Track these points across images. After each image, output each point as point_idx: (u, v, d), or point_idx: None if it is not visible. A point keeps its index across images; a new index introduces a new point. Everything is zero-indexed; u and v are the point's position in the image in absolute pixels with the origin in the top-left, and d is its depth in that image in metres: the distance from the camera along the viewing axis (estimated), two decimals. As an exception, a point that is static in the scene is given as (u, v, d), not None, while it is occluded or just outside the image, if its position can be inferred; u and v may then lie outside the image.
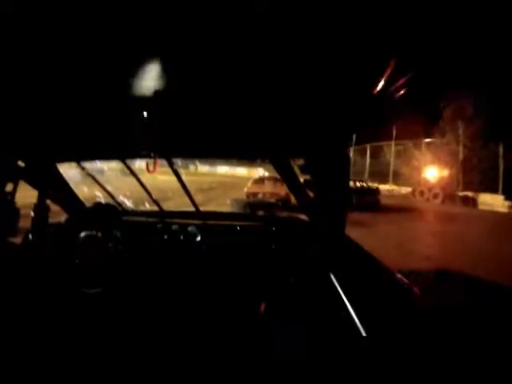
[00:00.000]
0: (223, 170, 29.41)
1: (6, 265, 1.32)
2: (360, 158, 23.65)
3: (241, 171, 27.16)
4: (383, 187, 19.55)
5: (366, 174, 22.18)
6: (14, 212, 1.42)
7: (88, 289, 1.46)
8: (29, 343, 1.13)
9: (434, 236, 7.76)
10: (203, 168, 29.56)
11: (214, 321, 1.39)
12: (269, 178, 10.69)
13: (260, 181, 10.78)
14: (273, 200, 9.08)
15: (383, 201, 12.20)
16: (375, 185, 18.75)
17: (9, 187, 1.42)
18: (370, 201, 10.75)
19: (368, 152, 23.52)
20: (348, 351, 1.00)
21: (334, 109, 1.12)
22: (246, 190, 10.23)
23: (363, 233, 5.22)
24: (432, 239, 7.37)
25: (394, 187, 20.32)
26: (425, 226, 9.53)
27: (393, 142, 21.83)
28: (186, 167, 25.90)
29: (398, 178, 20.91)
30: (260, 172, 15.19)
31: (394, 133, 21.28)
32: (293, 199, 1.75)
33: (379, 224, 8.45)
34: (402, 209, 12.23)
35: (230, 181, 19.65)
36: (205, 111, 1.13)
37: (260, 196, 9.67)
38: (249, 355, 1.22)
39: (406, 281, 1.24)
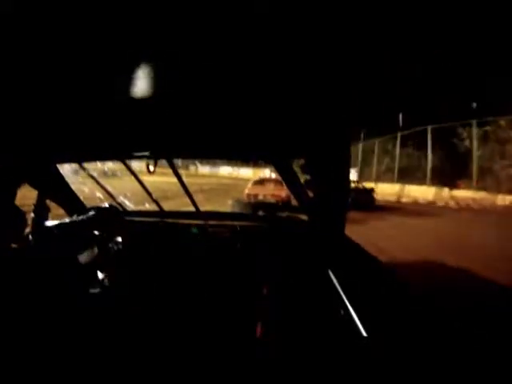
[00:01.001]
0: (226, 171, 28.47)
1: (6, 265, 1.33)
2: (414, 149, 15.25)
3: (245, 172, 25.76)
4: (462, 194, 12.53)
5: (428, 173, 14.41)
6: (19, 216, 1.42)
7: (88, 289, 1.47)
8: (29, 344, 1.14)
9: None
10: (204, 169, 29.00)
11: (214, 320, 1.40)
12: (269, 180, 10.70)
13: (260, 182, 10.78)
14: (273, 201, 9.09)
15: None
16: (437, 188, 13.37)
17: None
18: (364, 200, 10.99)
19: (429, 138, 14.12)
20: (348, 351, 1.01)
21: (333, 109, 1.13)
22: (246, 191, 10.22)
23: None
24: None
25: (482, 194, 12.09)
26: None
27: (474, 121, 12.64)
28: (187, 168, 25.69)
29: (484, 179, 12.47)
30: (266, 173, 13.98)
31: (475, 105, 12.47)
32: (293, 200, 1.76)
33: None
34: None
35: (233, 183, 18.64)
36: (204, 112, 1.14)
37: (260, 197, 9.67)
38: (248, 355, 1.22)
39: (406, 280, 1.25)
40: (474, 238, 7.10)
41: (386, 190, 15.13)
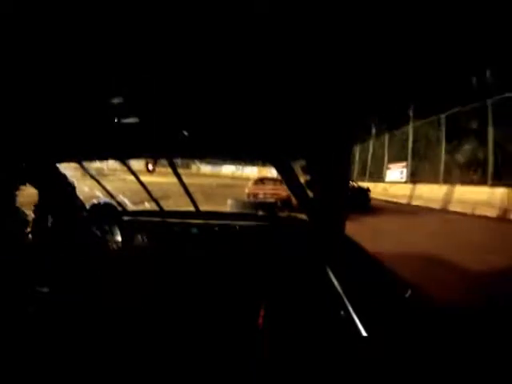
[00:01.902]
0: (229, 170, 27.60)
1: (6, 265, 1.34)
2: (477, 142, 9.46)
3: (249, 172, 24.38)
4: None
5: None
6: (19, 216, 1.42)
7: (88, 288, 1.47)
8: (29, 344, 1.14)
9: None
10: (205, 168, 28.30)
11: (214, 320, 1.40)
12: (269, 179, 10.71)
13: (260, 181, 10.80)
14: (273, 200, 9.10)
15: None
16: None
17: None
18: (360, 201, 10.76)
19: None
20: (347, 350, 1.00)
21: (334, 110, 1.13)
22: (246, 190, 10.25)
23: None
24: None
25: None
26: None
27: None
28: (187, 167, 25.35)
29: None
30: (274, 173, 13.60)
31: None
32: (293, 200, 1.76)
33: None
34: None
35: (238, 184, 17.35)
36: (205, 112, 1.14)
37: (261, 196, 9.70)
38: (248, 355, 1.22)
39: (406, 280, 1.24)
40: None
41: (475, 198, 9.24)
